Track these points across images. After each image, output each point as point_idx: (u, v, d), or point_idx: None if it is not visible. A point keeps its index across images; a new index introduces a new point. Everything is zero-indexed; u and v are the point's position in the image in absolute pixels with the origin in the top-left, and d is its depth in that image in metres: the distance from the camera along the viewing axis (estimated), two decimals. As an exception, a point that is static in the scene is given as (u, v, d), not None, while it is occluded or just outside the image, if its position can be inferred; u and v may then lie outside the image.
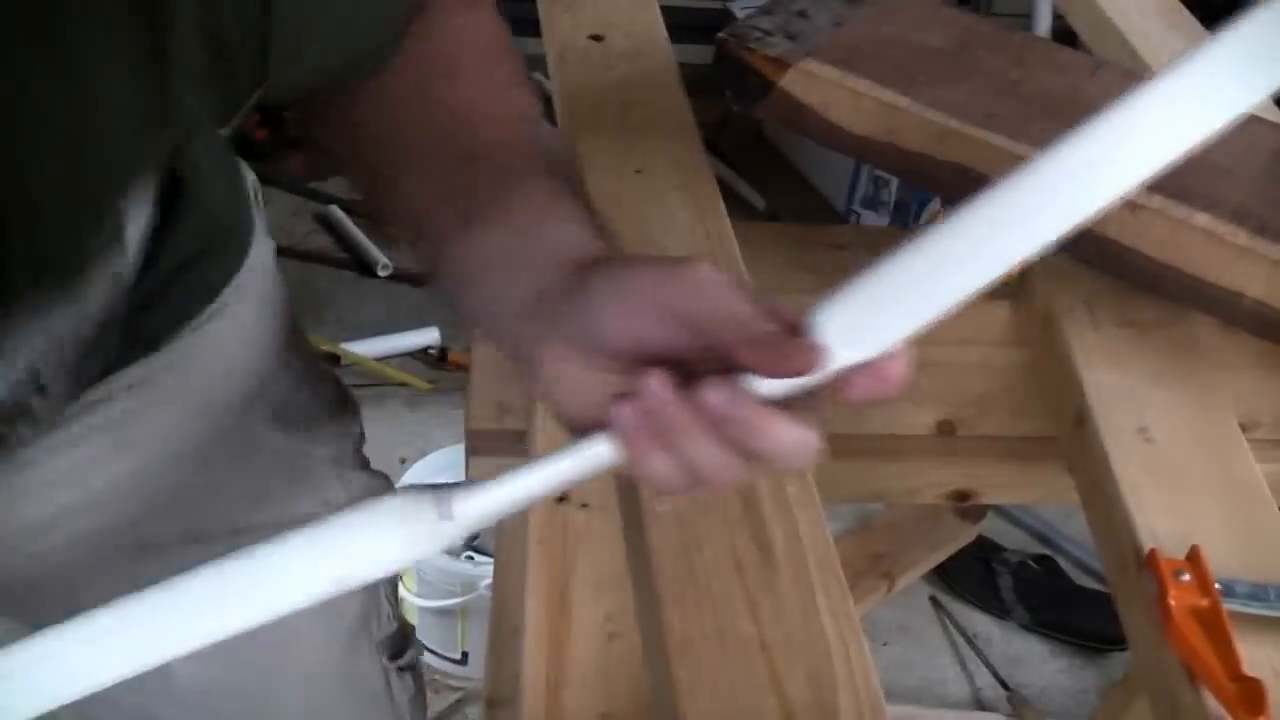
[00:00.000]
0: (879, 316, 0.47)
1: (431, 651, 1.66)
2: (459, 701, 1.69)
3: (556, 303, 0.50)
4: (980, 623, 1.87)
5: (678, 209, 0.81)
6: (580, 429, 0.50)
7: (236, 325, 0.77)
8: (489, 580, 1.40)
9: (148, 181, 0.61)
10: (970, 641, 1.84)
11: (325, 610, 0.51)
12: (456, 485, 0.51)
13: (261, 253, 0.80)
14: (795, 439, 0.48)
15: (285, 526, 0.50)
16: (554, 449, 0.50)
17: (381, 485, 0.88)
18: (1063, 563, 1.93)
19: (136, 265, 0.63)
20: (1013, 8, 2.49)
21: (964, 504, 0.95)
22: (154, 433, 0.74)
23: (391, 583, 0.90)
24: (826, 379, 0.47)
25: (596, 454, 0.49)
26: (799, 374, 0.46)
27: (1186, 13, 1.09)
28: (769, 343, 0.47)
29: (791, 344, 0.47)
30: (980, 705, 1.77)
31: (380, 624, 0.88)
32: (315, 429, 0.83)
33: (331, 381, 0.87)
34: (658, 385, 0.47)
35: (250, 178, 0.81)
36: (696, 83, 0.93)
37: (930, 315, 0.47)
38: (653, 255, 0.52)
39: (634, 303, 0.48)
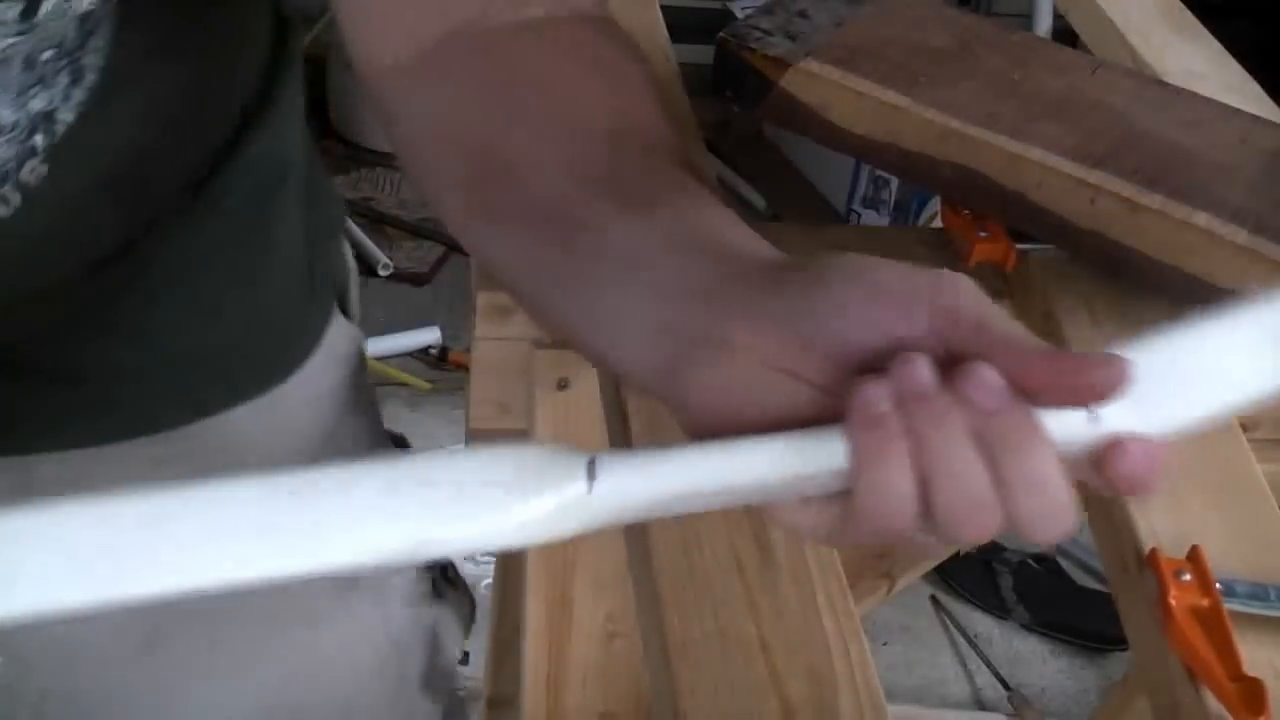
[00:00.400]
0: (1189, 386, 0.39)
1: (432, 651, 1.66)
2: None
3: (758, 289, 0.41)
4: (980, 623, 1.87)
5: (678, 209, 0.81)
6: (708, 433, 0.41)
7: (296, 423, 0.74)
8: (489, 580, 1.40)
9: None
10: (970, 641, 1.84)
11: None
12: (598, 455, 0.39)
13: (344, 349, 0.76)
14: (1055, 485, 0.39)
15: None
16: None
17: (448, 616, 0.83)
18: (1063, 563, 1.93)
19: None
20: (1013, 8, 2.49)
21: (964, 504, 0.95)
22: None
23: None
24: (1101, 442, 0.39)
25: (819, 449, 0.39)
26: (1099, 396, 0.38)
27: (1187, 13, 1.09)
28: (1060, 358, 0.39)
29: (1092, 359, 0.39)
30: (980, 705, 1.77)
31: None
32: None
33: None
34: (921, 366, 0.39)
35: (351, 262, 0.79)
36: (696, 83, 0.94)
37: (1251, 395, 0.40)
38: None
39: (886, 299, 0.40)
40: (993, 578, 1.89)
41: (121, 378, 0.69)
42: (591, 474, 0.38)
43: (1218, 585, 0.62)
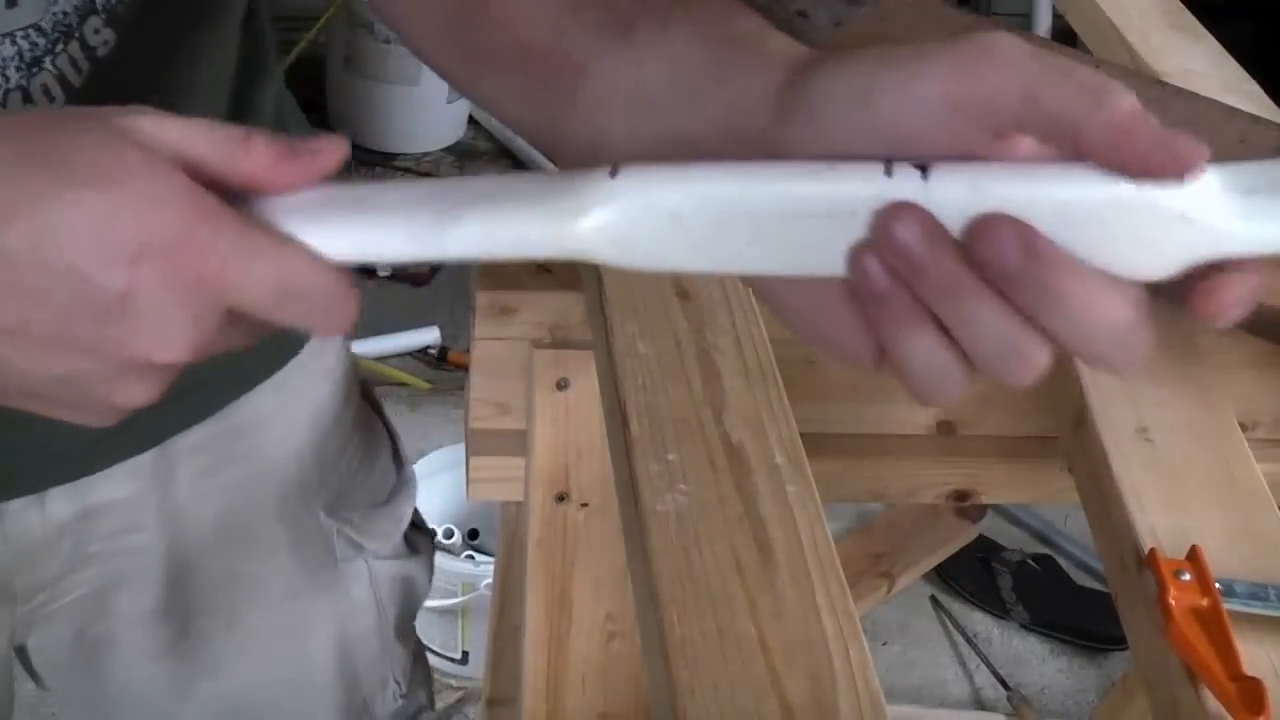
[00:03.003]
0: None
1: (432, 651, 1.66)
2: (459, 701, 1.69)
3: (802, 94, 0.38)
4: (980, 622, 1.88)
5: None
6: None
7: (304, 401, 0.76)
8: (489, 580, 1.40)
9: None
10: (970, 641, 1.84)
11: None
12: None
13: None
14: (1117, 317, 0.34)
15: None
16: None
17: (420, 567, 0.87)
18: (1063, 562, 1.93)
19: None
20: (1012, 8, 2.49)
21: (964, 503, 0.95)
22: (205, 508, 0.73)
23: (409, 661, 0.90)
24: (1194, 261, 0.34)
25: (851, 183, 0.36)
26: (1183, 171, 0.34)
27: (1187, 13, 1.09)
28: (1130, 133, 0.34)
29: (1171, 135, 0.34)
30: (980, 705, 1.77)
31: (385, 701, 0.87)
32: (367, 522, 0.81)
33: (389, 460, 0.85)
34: (910, 230, 0.34)
35: None
36: (696, 83, 0.93)
37: None
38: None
39: (926, 86, 0.35)
40: (992, 577, 1.89)
41: None
42: (614, 172, 0.38)
43: (1217, 585, 0.62)
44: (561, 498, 0.85)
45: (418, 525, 0.88)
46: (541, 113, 0.45)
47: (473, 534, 1.73)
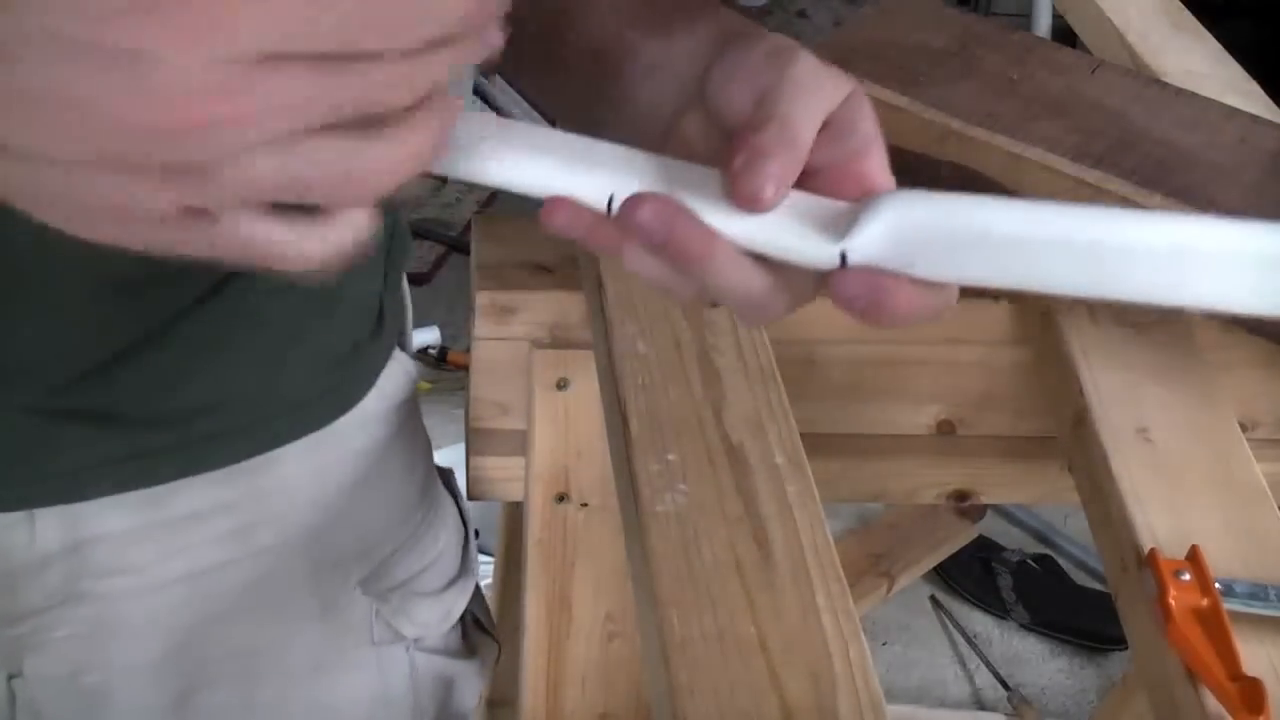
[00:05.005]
0: (954, 243, 0.42)
1: (431, 651, 1.66)
2: (459, 701, 1.69)
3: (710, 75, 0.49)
4: (980, 622, 1.88)
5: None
6: None
7: (344, 469, 0.72)
8: (488, 580, 1.40)
9: None
10: (970, 641, 1.84)
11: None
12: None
13: (399, 382, 0.76)
14: (750, 288, 0.44)
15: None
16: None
17: (471, 673, 0.82)
18: (1063, 563, 1.93)
19: None
20: (1013, 8, 2.49)
21: (964, 504, 0.95)
22: (229, 572, 0.70)
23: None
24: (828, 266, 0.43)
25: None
26: (749, 205, 0.43)
27: (1187, 13, 1.09)
28: (751, 148, 0.44)
29: (765, 162, 0.43)
30: (980, 705, 1.77)
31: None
32: (407, 605, 0.77)
33: (454, 548, 0.81)
34: (560, 213, 0.44)
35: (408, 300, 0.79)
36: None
37: (1011, 279, 0.42)
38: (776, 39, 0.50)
39: (735, 78, 0.47)
40: (992, 577, 1.89)
41: (179, 421, 0.67)
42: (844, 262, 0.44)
43: (1217, 585, 0.62)
44: (561, 498, 0.85)
45: (482, 626, 0.84)
46: (591, 91, 0.54)
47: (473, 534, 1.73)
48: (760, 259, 0.44)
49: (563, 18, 0.56)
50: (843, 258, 0.43)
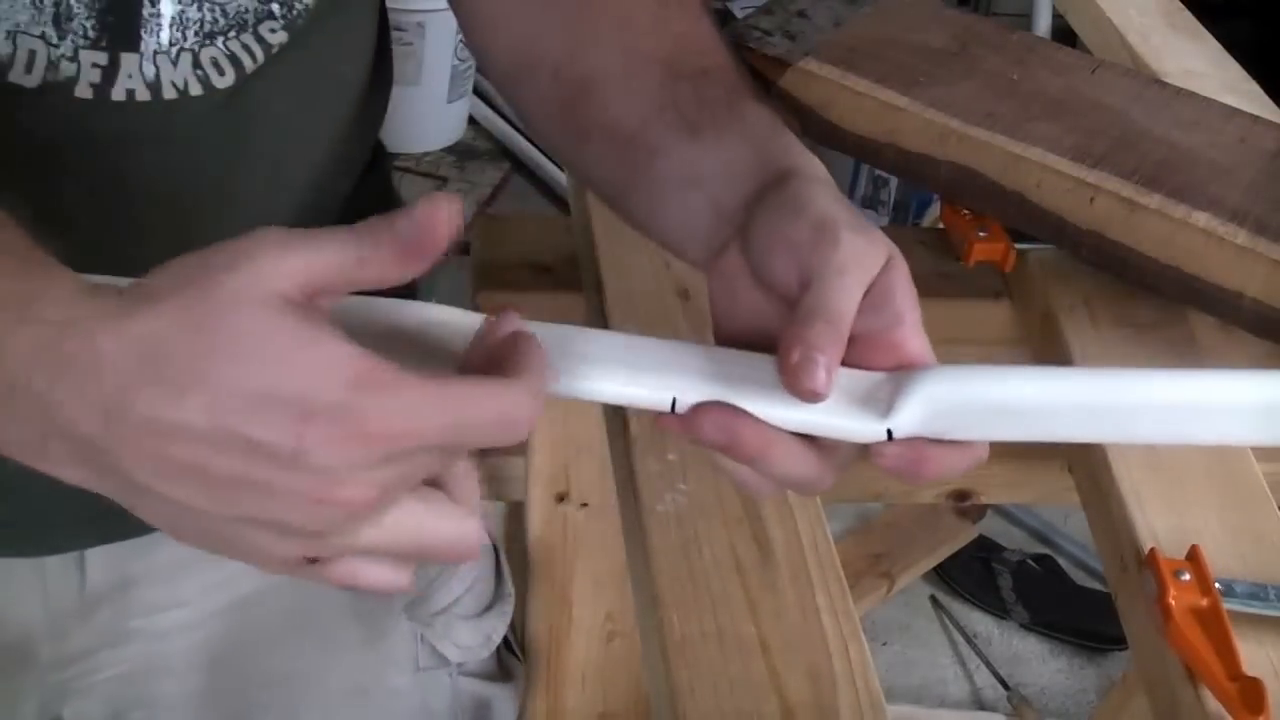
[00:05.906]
0: (983, 413, 0.48)
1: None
2: (459, 701, 1.69)
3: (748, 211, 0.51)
4: (980, 622, 1.87)
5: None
6: (732, 344, 0.51)
7: None
8: (489, 580, 1.40)
9: None
10: (970, 641, 1.84)
11: None
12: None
13: None
14: (805, 471, 0.48)
15: None
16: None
17: (506, 696, 0.83)
18: (1063, 563, 1.93)
19: None
20: (1013, 8, 2.49)
21: (964, 504, 0.95)
22: (273, 600, 0.71)
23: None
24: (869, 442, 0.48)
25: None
26: (807, 399, 0.46)
27: (1187, 13, 1.09)
28: (805, 344, 0.46)
29: (819, 359, 0.45)
30: (980, 705, 1.77)
31: None
32: (450, 630, 0.78)
33: (489, 573, 0.82)
34: (670, 419, 0.48)
35: None
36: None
37: (1031, 435, 0.49)
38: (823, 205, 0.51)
39: (779, 253, 0.49)
40: (992, 577, 1.89)
41: None
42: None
43: (1217, 585, 0.62)
44: (561, 498, 0.85)
45: (512, 649, 0.85)
46: (620, 179, 0.58)
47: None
48: (810, 439, 0.48)
49: (587, 92, 0.60)
50: (889, 433, 0.48)
